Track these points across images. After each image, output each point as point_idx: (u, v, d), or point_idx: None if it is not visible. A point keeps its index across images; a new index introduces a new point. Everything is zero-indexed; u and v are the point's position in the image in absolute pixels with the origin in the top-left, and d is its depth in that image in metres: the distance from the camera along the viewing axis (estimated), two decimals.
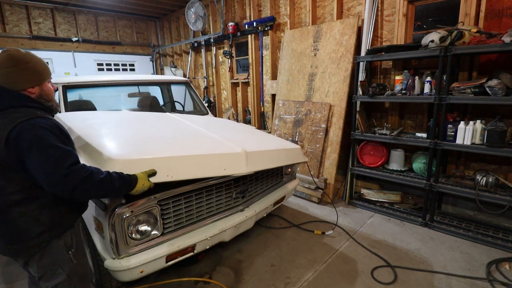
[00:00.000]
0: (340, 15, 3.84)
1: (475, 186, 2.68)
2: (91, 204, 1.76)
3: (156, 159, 1.64)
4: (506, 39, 2.31)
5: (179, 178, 1.69)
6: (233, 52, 5.48)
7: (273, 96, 4.83)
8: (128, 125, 2.48)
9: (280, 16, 4.63)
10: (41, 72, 1.37)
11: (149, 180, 1.51)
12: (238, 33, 5.17)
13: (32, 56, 1.35)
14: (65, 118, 2.44)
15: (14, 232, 1.28)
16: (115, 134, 2.17)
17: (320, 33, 3.91)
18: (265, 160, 2.20)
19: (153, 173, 1.56)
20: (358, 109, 3.43)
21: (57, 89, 1.44)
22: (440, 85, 2.72)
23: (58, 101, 3.02)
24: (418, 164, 3.14)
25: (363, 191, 3.65)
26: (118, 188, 1.36)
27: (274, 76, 4.86)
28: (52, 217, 1.32)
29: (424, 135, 2.97)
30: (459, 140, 2.69)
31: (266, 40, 4.83)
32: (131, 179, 1.43)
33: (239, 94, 5.63)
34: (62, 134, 1.31)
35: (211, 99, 6.21)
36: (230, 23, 5.17)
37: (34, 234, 1.29)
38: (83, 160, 1.47)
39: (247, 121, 5.50)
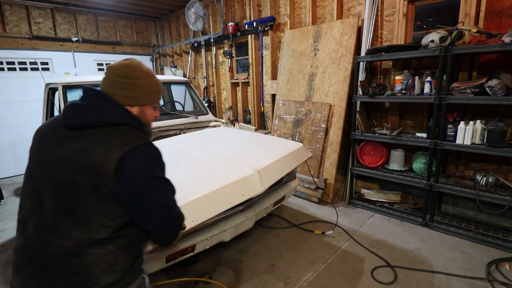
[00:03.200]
0: (340, 15, 3.84)
1: (475, 186, 2.68)
2: None
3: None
4: (506, 39, 2.31)
5: (203, 220, 1.67)
6: (233, 52, 5.47)
7: (273, 96, 4.83)
8: None
9: (280, 16, 4.63)
10: (152, 93, 1.16)
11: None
12: (238, 33, 5.17)
13: (149, 74, 1.15)
14: None
15: (80, 282, 0.97)
16: None
17: (320, 33, 3.91)
18: (276, 172, 2.22)
19: None
20: (358, 109, 3.43)
21: (156, 117, 1.23)
22: (440, 85, 2.72)
23: (58, 102, 3.05)
24: (418, 164, 3.14)
25: (363, 191, 3.65)
26: None
27: (274, 76, 4.86)
28: (125, 262, 1.04)
29: (424, 135, 2.97)
30: (459, 140, 2.69)
31: (266, 40, 4.83)
32: None
33: (239, 94, 5.63)
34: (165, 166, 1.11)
35: (211, 99, 6.21)
36: (230, 23, 5.17)
37: (102, 285, 0.98)
38: None
39: (247, 121, 5.50)
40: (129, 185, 0.97)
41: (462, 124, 2.66)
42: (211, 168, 2.11)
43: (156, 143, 2.59)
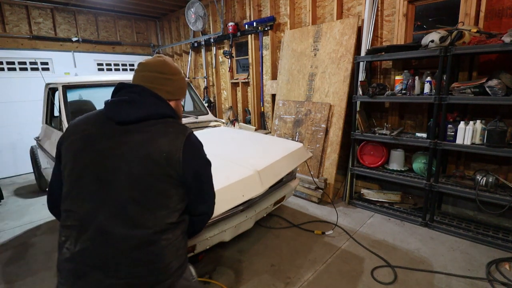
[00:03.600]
0: (340, 15, 3.84)
1: (475, 186, 2.68)
2: None
3: None
4: (506, 39, 2.31)
5: None
6: (233, 52, 5.47)
7: (273, 96, 4.83)
8: None
9: (280, 16, 4.63)
10: (183, 88, 1.26)
11: None
12: (238, 33, 5.17)
13: (180, 71, 1.25)
14: None
15: (153, 269, 0.98)
16: None
17: (320, 33, 3.91)
18: (276, 172, 2.21)
19: None
20: (358, 109, 3.43)
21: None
22: (440, 85, 2.72)
23: (58, 102, 3.05)
24: (418, 164, 3.14)
25: (363, 191, 3.65)
26: None
27: (274, 76, 4.86)
28: (184, 246, 1.10)
29: (424, 135, 2.97)
30: (459, 140, 2.69)
31: (266, 40, 4.83)
32: None
33: (239, 94, 5.63)
34: None
35: (211, 99, 6.21)
36: (230, 23, 5.17)
37: (172, 271, 1.01)
38: None
39: (247, 121, 5.50)
40: (191, 168, 1.06)
41: (462, 124, 2.67)
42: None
43: None
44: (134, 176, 0.98)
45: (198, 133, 3.12)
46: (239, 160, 2.17)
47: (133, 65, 7.20)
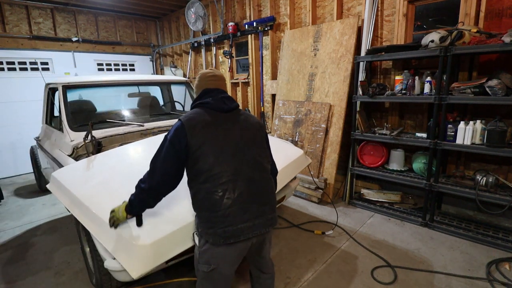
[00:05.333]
0: (340, 15, 3.84)
1: (475, 186, 2.68)
2: None
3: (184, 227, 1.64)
4: (506, 39, 2.31)
5: None
6: (233, 52, 5.47)
7: (273, 96, 4.83)
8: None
9: (280, 16, 4.63)
10: None
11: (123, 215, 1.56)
12: (238, 33, 5.17)
13: None
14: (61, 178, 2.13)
15: (273, 198, 1.57)
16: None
17: (320, 33, 3.91)
18: (277, 184, 2.19)
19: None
20: (358, 109, 3.43)
21: None
22: (440, 85, 2.72)
23: (58, 102, 3.04)
24: (418, 164, 3.14)
25: (363, 191, 3.65)
26: None
27: (274, 76, 4.86)
28: None
29: (424, 135, 2.97)
30: (459, 140, 2.69)
31: (266, 40, 4.83)
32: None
33: (239, 94, 5.63)
34: None
35: None
36: (230, 23, 5.17)
37: (274, 199, 1.60)
38: None
39: None
40: (266, 133, 1.68)
41: (462, 124, 2.66)
42: None
43: (148, 140, 2.63)
44: (254, 139, 1.55)
45: None
46: None
47: (133, 65, 7.20)
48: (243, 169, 1.44)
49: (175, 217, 1.67)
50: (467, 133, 2.63)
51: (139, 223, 1.55)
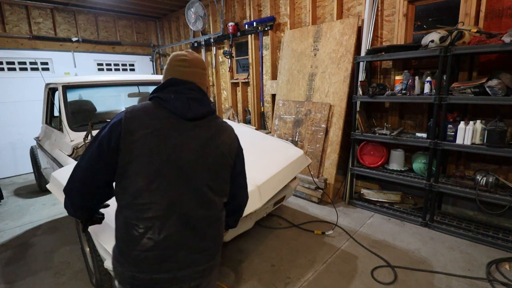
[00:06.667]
0: (340, 15, 3.84)
1: (475, 186, 2.68)
2: None
3: None
4: (506, 39, 2.31)
5: None
6: (233, 52, 5.47)
7: (273, 96, 4.83)
8: None
9: (280, 16, 4.63)
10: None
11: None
12: (238, 33, 5.17)
13: None
14: None
15: (219, 240, 1.21)
16: None
17: (320, 33, 3.91)
18: (275, 185, 2.19)
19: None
20: (358, 109, 3.43)
21: None
22: (440, 85, 2.72)
23: (58, 102, 3.04)
24: (418, 164, 3.14)
25: (363, 191, 3.65)
26: None
27: (274, 76, 4.86)
28: None
29: (424, 135, 2.97)
30: (459, 140, 2.69)
31: (266, 40, 4.83)
32: None
33: (239, 94, 5.63)
34: None
35: (211, 99, 6.21)
36: (230, 23, 5.17)
37: (222, 239, 1.26)
38: None
39: (247, 121, 5.50)
40: (240, 160, 1.26)
41: (462, 124, 2.66)
42: None
43: None
44: (208, 165, 1.12)
45: None
46: None
47: (133, 65, 7.20)
48: (183, 203, 1.07)
49: None
50: (467, 133, 2.63)
51: (84, 228, 1.33)
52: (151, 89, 4.50)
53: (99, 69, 6.60)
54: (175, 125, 1.09)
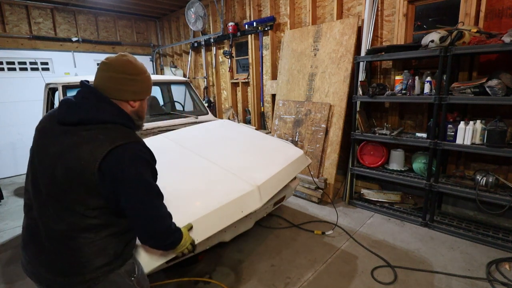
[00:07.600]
0: (340, 15, 3.84)
1: (475, 186, 2.68)
2: None
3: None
4: (506, 39, 2.31)
5: (202, 239, 1.66)
6: (233, 52, 5.47)
7: (273, 96, 4.83)
8: None
9: (280, 16, 4.63)
10: (149, 87, 1.24)
11: (190, 236, 1.40)
12: (238, 33, 5.17)
13: (145, 68, 1.23)
14: None
15: (73, 262, 1.08)
16: None
17: (320, 33, 3.91)
18: (275, 185, 2.18)
19: (191, 227, 1.49)
20: (358, 109, 3.43)
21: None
22: (440, 85, 2.72)
23: (58, 101, 3.04)
24: (418, 164, 3.14)
25: (363, 191, 3.65)
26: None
27: (274, 76, 4.86)
28: (117, 247, 1.15)
29: (424, 135, 2.97)
30: (459, 140, 2.69)
31: (266, 40, 4.83)
32: (181, 234, 1.31)
33: (239, 94, 5.63)
34: (154, 164, 1.18)
35: (211, 99, 6.21)
36: (230, 23, 5.17)
37: (94, 267, 1.09)
38: None
39: (247, 121, 5.50)
40: (110, 181, 1.03)
41: (462, 124, 2.66)
42: (210, 180, 2.03)
43: (154, 138, 2.60)
44: (56, 178, 1.04)
45: (199, 128, 3.07)
46: (239, 171, 2.12)
47: None
48: (39, 204, 1.09)
49: (175, 218, 1.68)
50: (467, 133, 2.63)
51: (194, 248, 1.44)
52: None
53: None
54: (52, 129, 1.09)
